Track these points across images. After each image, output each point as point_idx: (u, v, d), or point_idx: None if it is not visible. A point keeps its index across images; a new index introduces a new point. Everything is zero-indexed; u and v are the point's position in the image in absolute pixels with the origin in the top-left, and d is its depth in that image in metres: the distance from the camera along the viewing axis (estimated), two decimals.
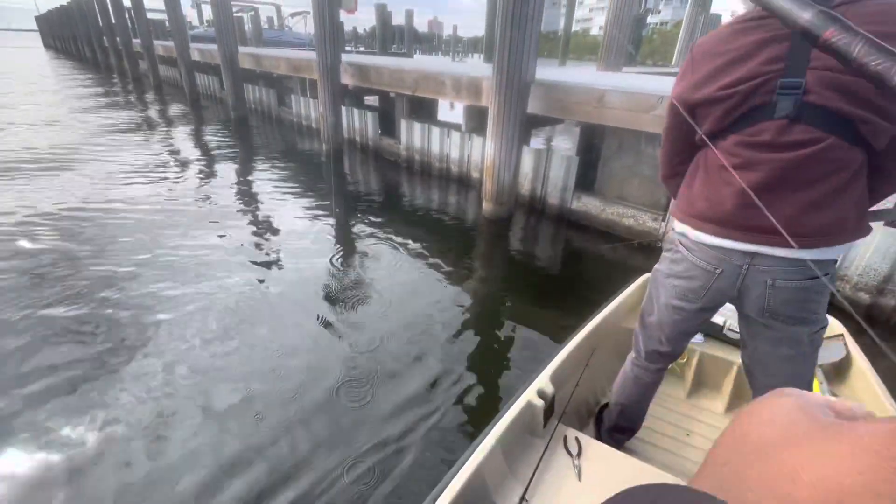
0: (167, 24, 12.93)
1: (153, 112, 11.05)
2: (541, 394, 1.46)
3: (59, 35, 32.70)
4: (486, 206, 4.67)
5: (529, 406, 1.44)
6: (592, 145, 5.54)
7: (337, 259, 3.78)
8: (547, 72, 5.65)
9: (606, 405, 1.69)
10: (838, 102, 0.93)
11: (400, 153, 6.70)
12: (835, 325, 1.94)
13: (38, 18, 41.23)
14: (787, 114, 0.96)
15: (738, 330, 1.92)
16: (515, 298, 3.37)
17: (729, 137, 1.06)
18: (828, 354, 1.82)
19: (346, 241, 4.22)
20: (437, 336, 2.77)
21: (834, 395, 1.74)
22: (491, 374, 2.52)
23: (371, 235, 4.31)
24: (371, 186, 5.99)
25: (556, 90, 4.28)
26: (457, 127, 5.97)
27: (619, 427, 1.61)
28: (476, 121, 5.63)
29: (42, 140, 7.20)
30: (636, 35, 9.93)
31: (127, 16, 16.59)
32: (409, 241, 4.16)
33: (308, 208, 4.97)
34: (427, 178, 6.20)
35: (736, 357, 1.91)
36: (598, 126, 4.30)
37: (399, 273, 3.59)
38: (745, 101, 1.01)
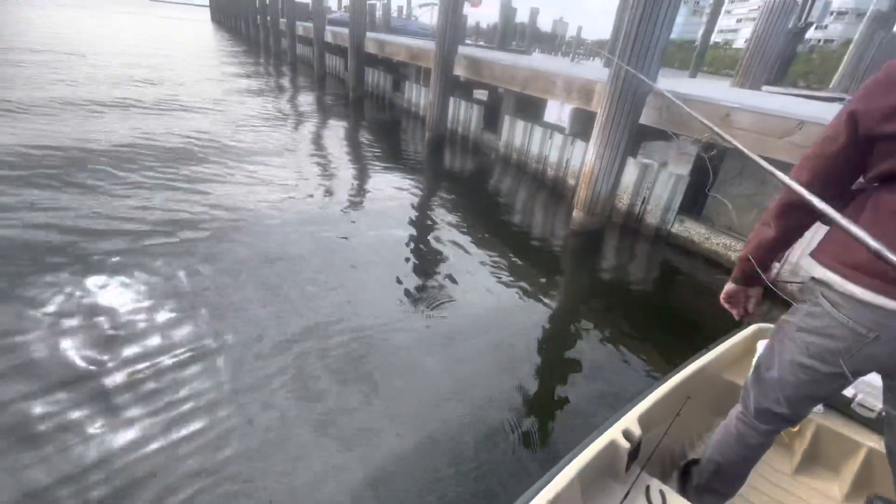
0: (310, 6, 14.22)
1: (285, 83, 12.37)
2: (627, 435, 1.37)
3: (224, 11, 37.51)
4: (577, 215, 4.48)
5: (613, 446, 1.36)
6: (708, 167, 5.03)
7: (412, 241, 3.89)
8: (672, 83, 5.23)
9: (695, 461, 1.55)
10: None
11: (498, 149, 6.68)
12: None
13: None
14: None
15: (871, 406, 1.67)
16: (597, 319, 3.18)
17: None
18: None
19: (426, 225, 4.33)
20: (505, 345, 2.66)
21: None
22: (564, 397, 2.37)
23: (451, 224, 4.36)
24: (464, 177, 6.07)
25: (675, 102, 3.94)
26: (560, 129, 5.79)
27: (711, 488, 1.45)
28: (582, 125, 5.40)
29: (196, 92, 8.48)
30: (788, 51, 8.74)
31: None
32: (489, 239, 4.14)
33: (398, 187, 5.19)
34: (521, 177, 6.12)
35: (865, 438, 1.65)
36: (719, 147, 3.89)
37: (473, 270, 3.57)
38: None
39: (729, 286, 1.33)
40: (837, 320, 1.01)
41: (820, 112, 3.63)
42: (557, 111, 7.05)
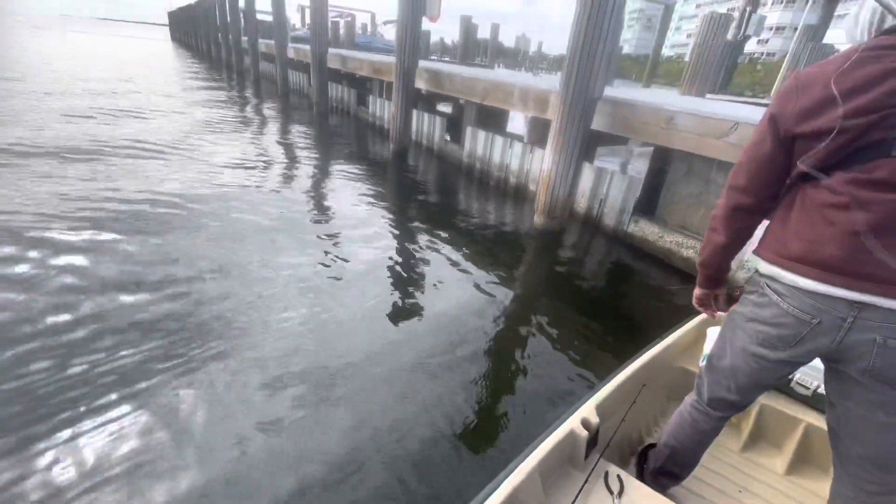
0: (272, 24, 14.21)
1: (249, 100, 12.23)
2: (585, 423, 1.41)
3: (184, 30, 36.93)
4: (538, 219, 4.61)
5: (572, 435, 1.39)
6: (663, 168, 5.29)
7: (382, 252, 3.91)
8: (625, 92, 5.50)
9: (652, 445, 1.60)
10: None
11: (462, 159, 6.80)
12: None
13: (170, 14, 46.79)
14: None
15: (807, 385, 1.79)
16: (556, 316, 3.26)
17: (834, 174, 0.97)
18: None
19: (395, 235, 4.36)
20: (471, 345, 2.72)
21: None
22: (524, 392, 2.41)
23: (420, 233, 4.41)
24: (429, 187, 6.13)
25: (623, 108, 4.16)
26: (521, 138, 5.97)
27: (667, 471, 1.50)
28: (539, 133, 5.59)
29: (162, 121, 8.25)
30: (729, 62, 9.32)
31: (241, 16, 18.38)
32: (457, 244, 4.20)
33: (366, 200, 5.20)
34: (485, 185, 6.24)
35: (803, 415, 1.76)
36: (670, 149, 4.11)
37: (442, 274, 3.63)
38: (861, 136, 0.91)
39: (697, 291, 1.38)
40: (783, 309, 1.06)
41: (752, 114, 3.89)
42: (522, 121, 7.24)
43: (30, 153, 5.24)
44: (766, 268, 1.11)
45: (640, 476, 1.56)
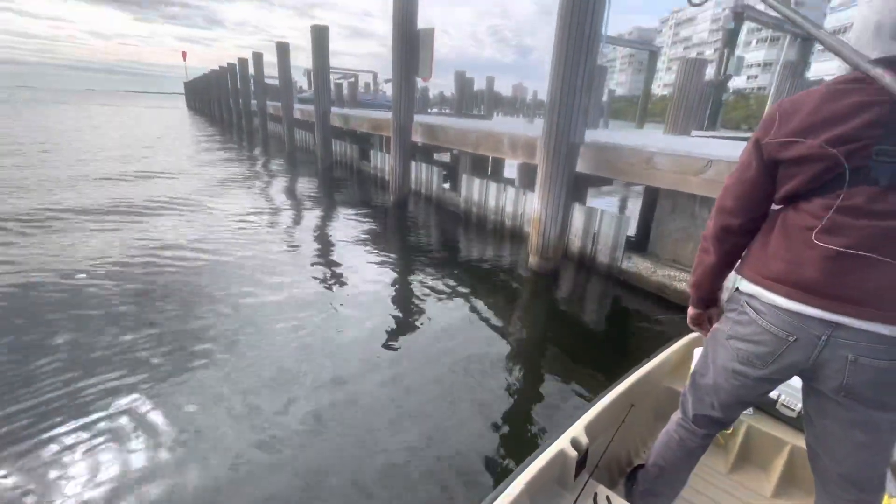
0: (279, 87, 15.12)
1: (259, 157, 12.94)
2: (575, 444, 1.43)
3: (199, 97, 39.35)
4: (532, 260, 4.72)
5: (561, 455, 1.40)
6: (655, 203, 5.43)
7: (387, 294, 4.07)
8: (608, 134, 5.75)
9: (640, 466, 1.59)
10: None
11: (459, 205, 7.03)
12: None
13: (186, 84, 49.99)
14: (885, 181, 0.92)
15: (792, 406, 1.83)
16: (554, 351, 3.34)
17: (814, 200, 1.02)
18: None
19: (397, 279, 4.51)
20: (471, 378, 2.84)
21: None
22: (522, 422, 2.49)
23: (420, 276, 4.56)
24: (429, 233, 6.32)
25: (605, 151, 4.36)
26: (514, 183, 6.18)
27: (656, 492, 1.50)
28: (530, 177, 5.81)
29: (177, 184, 8.73)
30: (714, 100, 9.69)
31: (251, 81, 19.60)
32: (456, 285, 4.33)
33: (369, 247, 5.39)
34: (482, 229, 6.41)
35: (789, 436, 1.77)
36: (655, 187, 4.27)
37: (443, 313, 3.75)
38: (841, 163, 0.96)
39: (690, 311, 1.41)
40: (762, 327, 1.10)
41: (727, 150, 4.05)
42: (517, 165, 7.52)
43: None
44: (746, 286, 1.15)
45: (629, 497, 1.55)
